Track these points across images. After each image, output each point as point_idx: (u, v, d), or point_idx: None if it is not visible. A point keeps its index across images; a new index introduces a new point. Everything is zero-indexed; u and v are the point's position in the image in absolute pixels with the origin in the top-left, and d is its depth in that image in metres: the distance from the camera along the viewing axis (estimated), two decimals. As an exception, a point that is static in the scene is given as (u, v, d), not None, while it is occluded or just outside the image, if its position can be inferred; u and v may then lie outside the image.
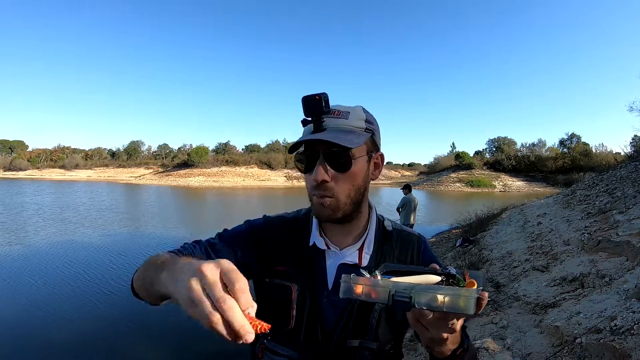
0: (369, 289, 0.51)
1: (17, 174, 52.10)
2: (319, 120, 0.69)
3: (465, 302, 0.47)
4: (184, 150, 59.71)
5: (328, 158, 0.69)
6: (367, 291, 0.51)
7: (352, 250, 0.78)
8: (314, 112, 0.67)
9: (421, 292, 0.48)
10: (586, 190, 7.67)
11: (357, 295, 0.51)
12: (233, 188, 37.15)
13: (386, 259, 0.79)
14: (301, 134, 0.75)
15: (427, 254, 0.84)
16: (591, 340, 2.21)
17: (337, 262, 0.76)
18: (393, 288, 0.50)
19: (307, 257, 0.77)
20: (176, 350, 4.11)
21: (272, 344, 0.75)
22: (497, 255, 5.60)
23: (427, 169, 56.51)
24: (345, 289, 0.52)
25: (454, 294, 0.47)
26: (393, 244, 0.82)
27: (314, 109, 0.67)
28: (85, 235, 10.31)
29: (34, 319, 4.83)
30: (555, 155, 42.31)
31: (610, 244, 3.84)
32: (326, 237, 0.79)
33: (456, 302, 0.47)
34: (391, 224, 0.86)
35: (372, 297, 0.50)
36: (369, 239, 0.79)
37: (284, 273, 0.77)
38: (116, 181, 44.60)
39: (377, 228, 0.82)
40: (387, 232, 0.83)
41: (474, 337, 2.93)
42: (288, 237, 0.81)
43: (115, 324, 4.72)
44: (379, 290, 0.50)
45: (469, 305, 0.46)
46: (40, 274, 6.62)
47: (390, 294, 0.49)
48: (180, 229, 11.82)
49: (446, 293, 0.48)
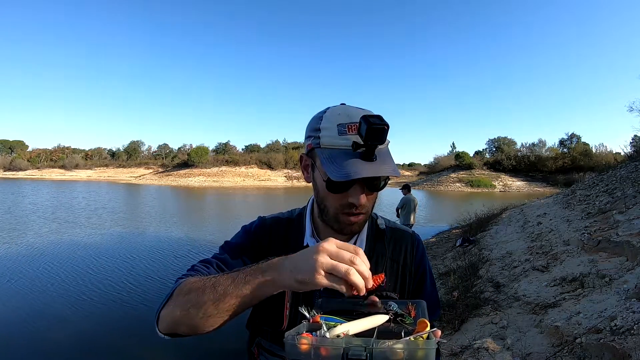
0: (317, 347, 0.46)
1: (17, 174, 52.09)
2: (374, 148, 0.62)
3: (424, 354, 0.45)
4: (184, 150, 59.72)
5: (367, 181, 0.67)
6: (315, 349, 0.46)
7: None
8: (377, 141, 0.60)
9: (378, 348, 0.46)
10: (586, 190, 7.68)
11: (305, 355, 0.46)
12: (233, 188, 37.16)
13: (379, 258, 0.79)
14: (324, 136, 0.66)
15: (419, 252, 0.84)
16: (591, 340, 2.21)
17: None
18: (346, 345, 0.46)
19: None
20: (176, 350, 4.11)
21: (268, 343, 0.76)
22: (497, 255, 5.60)
23: (427, 169, 56.43)
24: (289, 349, 0.47)
25: (413, 348, 0.46)
26: (386, 242, 0.81)
27: (378, 138, 0.60)
28: (85, 235, 10.30)
29: (33, 319, 4.83)
30: (555, 155, 42.33)
31: (610, 244, 3.84)
32: (319, 238, 0.79)
33: (415, 354, 0.45)
34: (384, 222, 0.85)
35: (323, 356, 0.46)
36: (360, 238, 0.79)
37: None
38: (116, 181, 44.59)
39: (369, 226, 0.82)
40: (380, 230, 0.82)
41: (474, 337, 2.93)
42: (282, 238, 0.81)
43: (114, 324, 4.73)
44: (330, 348, 0.46)
45: (429, 356, 0.45)
46: (40, 274, 6.62)
47: (344, 352, 0.45)
48: (180, 229, 11.83)
49: (403, 347, 0.46)
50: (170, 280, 6.46)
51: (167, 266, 7.34)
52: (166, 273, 6.86)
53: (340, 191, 0.67)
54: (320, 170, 0.68)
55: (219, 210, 18.83)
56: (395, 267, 0.80)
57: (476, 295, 3.91)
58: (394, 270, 0.80)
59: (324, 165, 0.65)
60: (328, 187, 0.67)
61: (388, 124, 0.60)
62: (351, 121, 0.65)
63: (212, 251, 0.80)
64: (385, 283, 0.77)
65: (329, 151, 0.65)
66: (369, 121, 0.58)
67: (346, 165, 0.62)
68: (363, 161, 0.62)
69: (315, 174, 0.72)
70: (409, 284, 0.81)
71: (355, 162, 0.62)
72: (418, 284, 0.82)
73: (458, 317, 3.47)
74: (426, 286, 0.82)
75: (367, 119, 0.58)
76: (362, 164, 0.62)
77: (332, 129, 0.65)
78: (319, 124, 0.68)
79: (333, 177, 0.62)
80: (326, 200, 0.71)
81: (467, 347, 2.81)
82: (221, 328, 0.61)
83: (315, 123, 0.69)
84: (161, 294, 2.63)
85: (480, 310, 3.50)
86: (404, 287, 0.80)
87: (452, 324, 3.39)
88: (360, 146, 0.62)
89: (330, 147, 0.65)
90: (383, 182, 0.69)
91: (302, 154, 0.76)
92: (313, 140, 0.68)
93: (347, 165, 0.62)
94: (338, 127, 0.65)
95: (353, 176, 0.61)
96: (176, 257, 8.02)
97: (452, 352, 2.83)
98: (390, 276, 0.79)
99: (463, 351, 2.78)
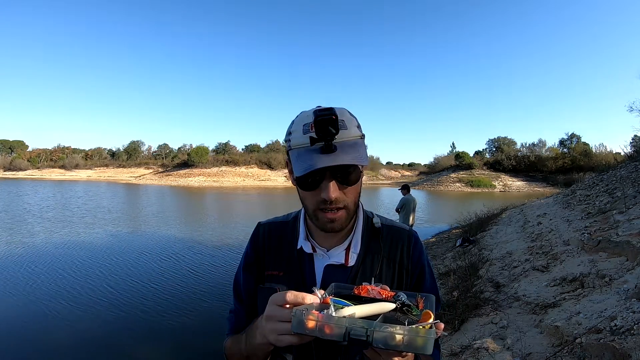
0: (322, 325, 0.48)
1: (17, 174, 52.11)
2: (332, 140, 0.64)
3: (423, 342, 0.46)
4: (184, 150, 59.72)
5: (336, 174, 0.68)
6: (320, 326, 0.48)
7: (339, 251, 0.78)
8: (327, 133, 0.63)
9: (379, 330, 0.47)
10: (586, 190, 7.68)
11: (310, 330, 0.49)
12: (233, 188, 37.16)
13: (374, 257, 0.79)
14: (293, 138, 0.71)
15: (417, 250, 0.83)
16: (591, 340, 2.21)
17: (324, 263, 0.77)
18: (349, 325, 0.48)
19: (296, 261, 0.79)
20: (176, 350, 4.11)
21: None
22: (497, 255, 5.59)
23: (427, 169, 56.48)
24: (296, 324, 0.49)
25: (412, 335, 0.46)
26: (381, 241, 0.81)
27: (327, 130, 0.62)
28: (84, 236, 10.31)
29: (33, 319, 4.83)
30: (555, 155, 42.33)
31: (610, 244, 3.84)
32: (313, 240, 0.80)
33: (414, 342, 0.46)
34: (380, 220, 0.85)
35: (327, 333, 0.48)
36: (355, 237, 0.80)
37: (274, 277, 0.79)
38: (116, 181, 44.59)
39: (364, 225, 0.82)
40: (376, 229, 0.82)
41: (474, 337, 2.93)
42: (277, 242, 0.83)
43: (115, 324, 4.72)
44: (334, 326, 0.48)
45: (427, 345, 0.46)
46: (40, 274, 6.63)
47: (347, 331, 0.47)
48: (181, 229, 11.84)
49: (404, 333, 0.46)
50: (171, 280, 6.47)
51: (168, 266, 7.34)
52: (166, 273, 6.87)
53: (311, 188, 0.69)
54: (291, 170, 0.73)
55: (219, 210, 18.82)
56: (392, 265, 0.80)
57: (476, 295, 3.91)
58: (390, 268, 0.79)
59: (293, 164, 0.69)
60: (299, 185, 0.71)
61: (336, 113, 0.63)
62: (311, 120, 0.68)
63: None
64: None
65: (296, 151, 0.70)
66: (316, 114, 0.63)
67: (307, 159, 0.65)
68: (321, 154, 0.65)
69: (292, 176, 0.75)
70: (406, 282, 0.80)
71: (315, 156, 0.65)
72: (417, 282, 0.81)
73: (458, 317, 3.47)
74: (425, 283, 0.82)
75: (315, 112, 0.63)
76: (320, 156, 0.64)
77: (299, 130, 0.69)
78: (291, 128, 0.72)
79: (296, 173, 0.66)
80: (305, 200, 0.73)
81: (467, 347, 2.81)
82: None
83: (289, 127, 0.74)
84: (161, 293, 2.64)
85: (480, 310, 3.50)
86: (400, 285, 0.79)
87: (452, 324, 3.38)
88: (315, 140, 0.65)
89: (297, 146, 0.69)
90: (355, 175, 0.70)
91: (286, 159, 0.78)
92: (288, 143, 0.73)
93: (307, 159, 0.65)
94: (303, 127, 0.69)
95: (310, 169, 0.63)
96: (176, 257, 8.01)
97: (452, 352, 2.83)
98: (386, 274, 0.78)
99: (463, 351, 2.78)
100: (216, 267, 7.33)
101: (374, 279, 0.69)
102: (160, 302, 5.39)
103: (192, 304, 5.35)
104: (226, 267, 7.27)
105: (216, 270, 7.13)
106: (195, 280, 6.48)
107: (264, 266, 0.81)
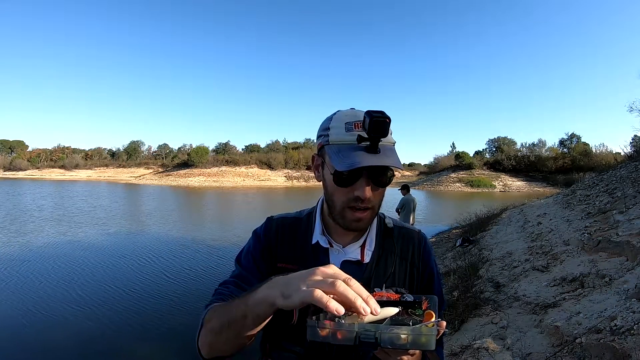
0: (334, 332, 0.52)
1: (17, 174, 52.08)
2: (378, 141, 0.67)
3: (426, 340, 0.51)
4: (184, 150, 59.66)
5: (373, 175, 0.70)
6: (333, 333, 0.52)
7: (355, 247, 0.81)
8: (380, 134, 0.65)
9: (385, 332, 0.52)
10: (586, 190, 7.68)
11: (324, 337, 0.53)
12: (233, 188, 37.16)
13: (388, 255, 0.82)
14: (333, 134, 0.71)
15: (427, 251, 0.87)
16: (591, 340, 2.21)
17: (341, 259, 0.79)
18: (359, 329, 0.52)
19: (310, 255, 0.80)
20: (176, 350, 4.11)
21: (279, 338, 0.77)
22: (497, 255, 5.60)
23: (427, 169, 56.38)
24: (311, 333, 0.53)
25: (416, 334, 0.52)
26: (394, 240, 0.84)
27: (381, 131, 0.65)
28: (85, 235, 10.31)
29: (33, 319, 4.83)
30: (555, 155, 42.32)
31: (610, 244, 3.84)
32: (329, 236, 0.81)
33: (418, 340, 0.51)
34: (392, 221, 0.88)
35: (338, 339, 0.52)
36: (370, 236, 0.82)
37: (287, 270, 0.78)
38: (116, 181, 44.59)
39: (378, 225, 0.84)
40: (388, 229, 0.85)
41: (474, 337, 2.93)
42: (291, 236, 0.84)
43: (115, 324, 4.72)
44: (344, 332, 0.52)
45: (430, 342, 0.51)
46: (40, 275, 6.63)
47: (357, 335, 0.52)
48: (181, 229, 11.84)
49: (408, 333, 0.51)
50: (170, 280, 6.48)
51: (167, 265, 7.34)
52: (166, 272, 6.87)
53: (347, 184, 0.71)
54: (329, 165, 0.73)
55: (219, 210, 18.83)
56: (404, 264, 0.83)
57: (476, 295, 3.91)
58: (402, 266, 0.83)
59: (332, 159, 0.70)
60: (335, 180, 0.71)
61: (390, 117, 0.65)
62: (358, 119, 0.70)
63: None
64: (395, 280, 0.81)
65: (337, 146, 0.70)
66: (371, 114, 0.64)
67: (351, 156, 0.67)
68: (367, 153, 0.67)
69: (324, 171, 0.76)
70: (418, 281, 0.83)
71: (360, 154, 0.67)
72: (428, 282, 0.85)
73: (458, 317, 3.47)
74: (434, 285, 0.86)
75: (370, 113, 0.64)
76: (366, 155, 0.66)
77: (340, 127, 0.71)
78: (329, 124, 0.73)
79: (339, 167, 0.67)
80: (334, 196, 0.74)
81: (467, 347, 2.81)
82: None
83: (325, 123, 0.75)
84: (161, 293, 2.66)
85: (480, 310, 3.50)
86: (412, 283, 0.82)
87: (452, 324, 3.38)
88: (364, 139, 0.67)
89: (338, 142, 0.70)
90: (388, 178, 0.73)
91: (314, 154, 0.80)
92: (323, 138, 0.74)
93: (352, 156, 0.67)
94: (345, 124, 0.70)
95: (357, 165, 0.65)
96: (176, 257, 8.01)
97: (452, 352, 2.83)
98: (399, 273, 0.82)
99: (463, 351, 2.78)
100: (216, 267, 7.33)
101: (389, 277, 0.77)
102: (160, 302, 5.39)
103: (192, 304, 5.35)
104: (226, 267, 7.26)
105: (216, 270, 7.13)
106: (195, 280, 6.47)
107: (276, 258, 0.82)
